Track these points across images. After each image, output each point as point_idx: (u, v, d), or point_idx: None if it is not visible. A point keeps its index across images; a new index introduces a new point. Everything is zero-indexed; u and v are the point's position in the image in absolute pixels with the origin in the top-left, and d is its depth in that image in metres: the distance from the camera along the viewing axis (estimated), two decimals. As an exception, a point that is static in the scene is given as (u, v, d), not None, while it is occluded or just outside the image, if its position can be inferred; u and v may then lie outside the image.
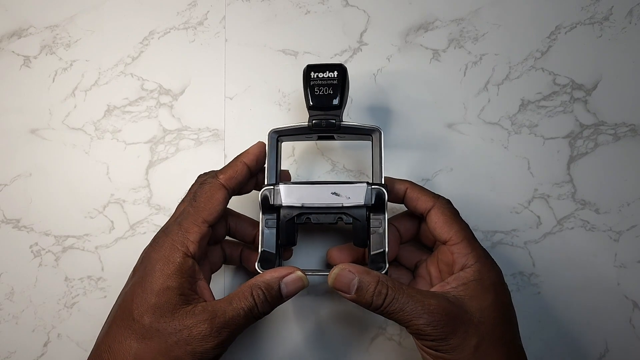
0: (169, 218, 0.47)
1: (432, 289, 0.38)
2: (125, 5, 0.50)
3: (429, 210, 0.40)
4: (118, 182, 0.48)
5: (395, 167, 0.47)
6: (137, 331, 0.34)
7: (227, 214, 0.42)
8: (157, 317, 0.34)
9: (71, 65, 0.49)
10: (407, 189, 0.41)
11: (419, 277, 0.43)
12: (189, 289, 0.36)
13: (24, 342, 0.46)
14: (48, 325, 0.46)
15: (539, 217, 0.47)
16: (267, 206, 0.39)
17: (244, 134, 0.48)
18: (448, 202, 0.40)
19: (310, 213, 0.39)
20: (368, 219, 0.39)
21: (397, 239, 0.42)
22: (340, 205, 0.39)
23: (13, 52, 0.49)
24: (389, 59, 0.49)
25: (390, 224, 0.41)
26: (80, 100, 0.49)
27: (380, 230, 0.39)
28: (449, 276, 0.38)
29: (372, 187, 0.39)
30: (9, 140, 0.49)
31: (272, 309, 0.36)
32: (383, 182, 0.40)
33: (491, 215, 0.47)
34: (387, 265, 0.38)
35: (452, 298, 0.36)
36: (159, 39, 0.49)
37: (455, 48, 0.49)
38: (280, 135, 0.41)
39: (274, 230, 0.39)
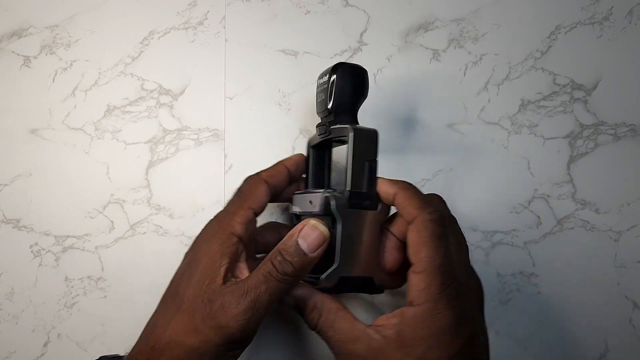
0: (169, 218, 0.47)
1: (379, 318, 0.35)
2: (125, 5, 0.50)
3: (410, 224, 0.35)
4: (118, 182, 0.48)
5: (395, 167, 0.47)
6: (178, 305, 0.35)
7: (255, 234, 0.42)
8: (196, 292, 0.35)
9: (71, 65, 0.49)
10: (395, 194, 0.37)
11: None
12: (230, 269, 0.36)
13: (24, 342, 0.46)
14: (48, 325, 0.46)
15: (539, 217, 0.47)
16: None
17: (244, 134, 0.48)
18: (433, 215, 0.35)
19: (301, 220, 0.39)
20: (332, 227, 0.37)
21: (395, 245, 0.38)
22: (314, 212, 0.38)
23: (13, 52, 0.49)
24: (389, 59, 0.49)
25: (386, 229, 0.39)
26: (80, 100, 0.49)
27: (333, 240, 0.37)
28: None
29: (326, 194, 0.37)
30: (9, 140, 0.49)
31: (299, 271, 0.35)
32: (349, 188, 0.37)
33: (491, 215, 0.47)
34: (325, 280, 0.36)
35: (378, 340, 0.34)
36: (159, 39, 0.49)
37: (455, 48, 0.49)
38: (311, 146, 0.43)
39: None
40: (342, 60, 0.49)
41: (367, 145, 0.37)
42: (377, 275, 0.38)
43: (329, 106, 0.38)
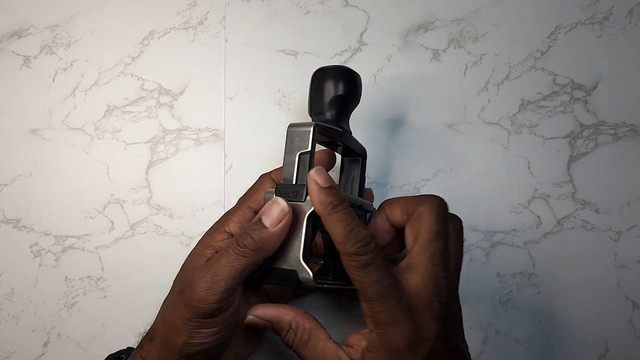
0: (169, 218, 0.47)
1: (352, 337, 0.36)
2: (125, 5, 0.50)
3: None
4: (118, 182, 0.48)
5: (395, 167, 0.47)
6: (171, 290, 0.39)
7: None
8: (180, 277, 0.39)
9: (71, 65, 0.49)
10: (322, 216, 0.35)
11: None
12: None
13: (24, 342, 0.46)
14: (48, 325, 0.46)
15: (539, 217, 0.47)
16: None
17: (244, 134, 0.48)
18: (352, 249, 0.34)
19: None
20: None
21: (385, 222, 0.38)
22: None
23: (13, 52, 0.49)
24: (389, 59, 0.49)
25: (382, 207, 0.38)
26: (80, 100, 0.49)
27: None
28: None
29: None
30: (9, 140, 0.49)
31: (258, 244, 0.35)
32: (281, 180, 0.37)
33: (491, 215, 0.47)
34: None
35: None
36: (159, 39, 0.49)
37: (455, 48, 0.49)
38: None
39: None
40: (343, 60, 0.49)
41: (300, 137, 0.37)
42: (303, 270, 0.36)
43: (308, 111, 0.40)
